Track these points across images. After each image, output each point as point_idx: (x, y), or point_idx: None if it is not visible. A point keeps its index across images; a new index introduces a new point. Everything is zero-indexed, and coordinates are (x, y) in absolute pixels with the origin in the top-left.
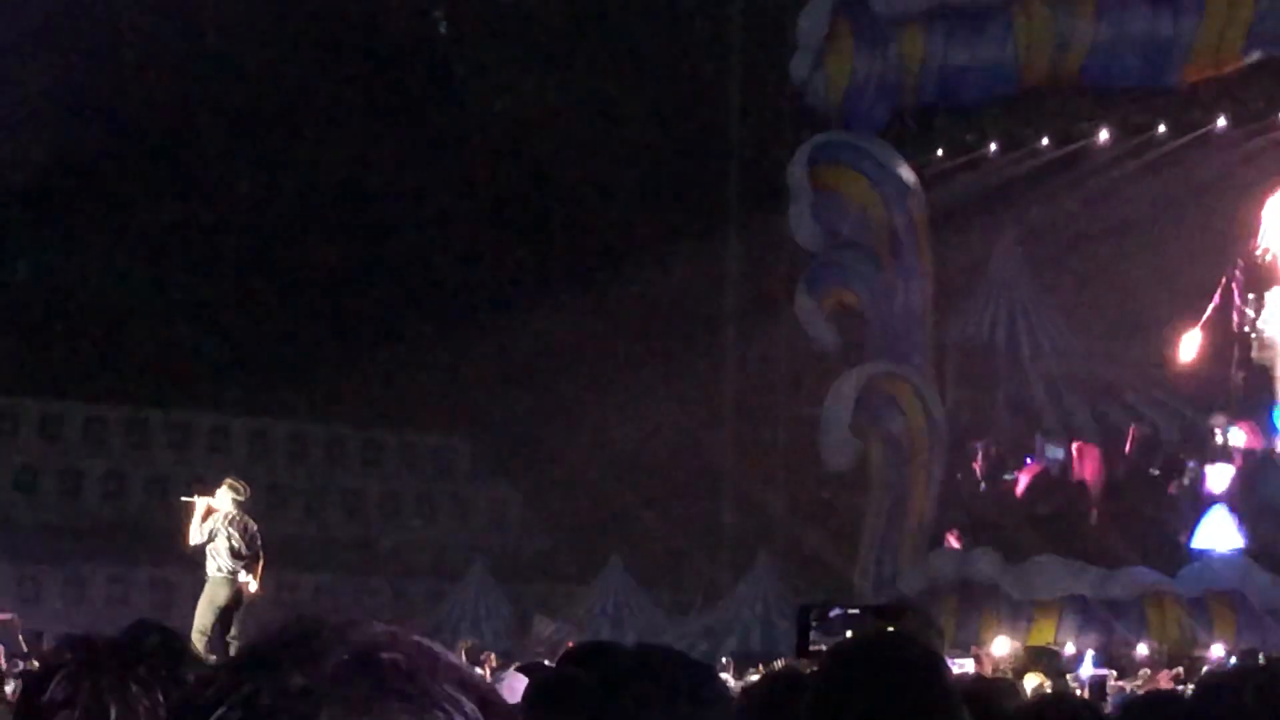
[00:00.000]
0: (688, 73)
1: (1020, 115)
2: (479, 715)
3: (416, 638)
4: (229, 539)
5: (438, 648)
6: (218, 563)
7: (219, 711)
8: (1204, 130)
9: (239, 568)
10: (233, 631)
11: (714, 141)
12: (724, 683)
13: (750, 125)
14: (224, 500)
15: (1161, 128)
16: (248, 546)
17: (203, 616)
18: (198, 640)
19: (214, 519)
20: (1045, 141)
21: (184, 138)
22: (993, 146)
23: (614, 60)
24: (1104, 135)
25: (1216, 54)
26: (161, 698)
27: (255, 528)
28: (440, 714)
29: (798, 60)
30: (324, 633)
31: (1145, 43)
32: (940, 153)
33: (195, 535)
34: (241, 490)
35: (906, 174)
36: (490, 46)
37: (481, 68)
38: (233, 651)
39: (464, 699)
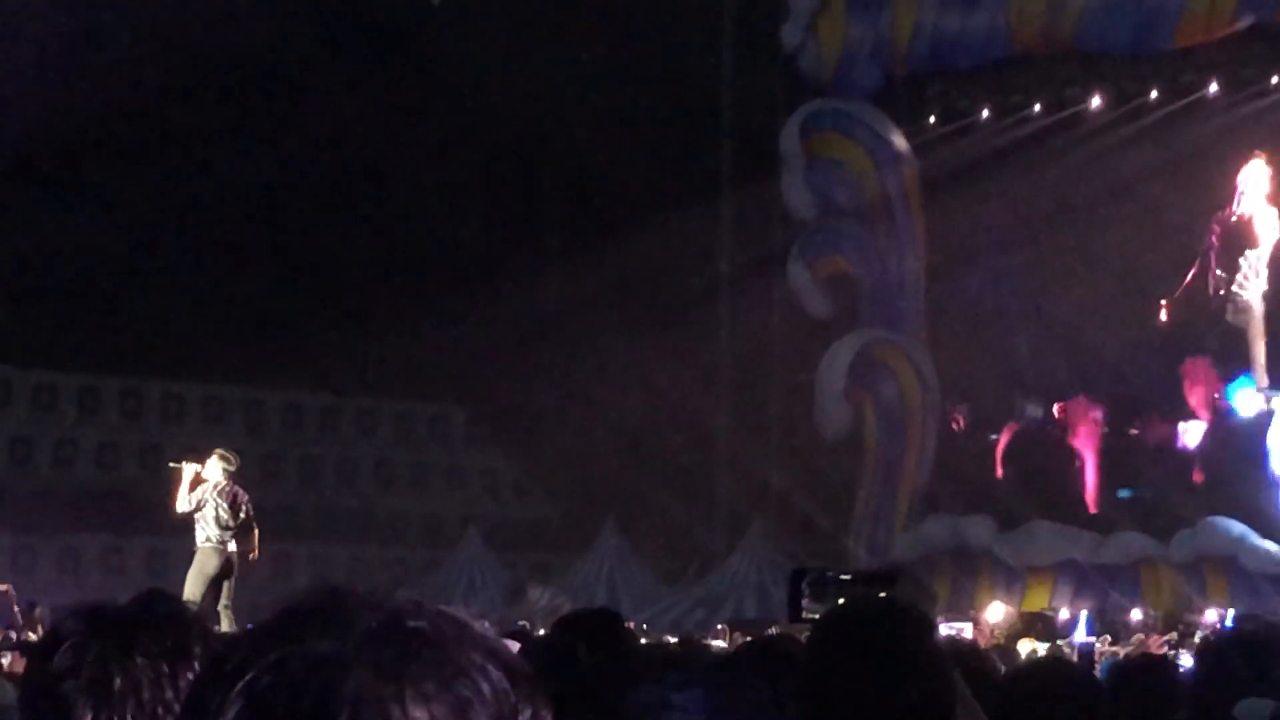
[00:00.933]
0: (680, 40)
1: (1012, 81)
2: (505, 684)
3: (443, 607)
4: (216, 509)
5: (465, 616)
6: (206, 532)
7: (247, 676)
8: (1196, 96)
9: (227, 538)
10: (224, 600)
11: (706, 109)
12: (712, 654)
13: (743, 93)
14: (214, 470)
15: (1154, 93)
16: (235, 517)
17: (193, 586)
18: None
19: (203, 488)
20: (1038, 108)
21: (177, 108)
22: (985, 113)
23: (606, 28)
24: (1096, 101)
25: (1208, 19)
26: (167, 668)
27: (246, 497)
28: (467, 682)
29: (790, 27)
30: (351, 600)
31: (1137, 8)
32: (932, 120)
33: (183, 502)
34: (232, 460)
35: (899, 141)
36: (481, 16)
37: (473, 38)
38: (224, 620)
39: (491, 667)
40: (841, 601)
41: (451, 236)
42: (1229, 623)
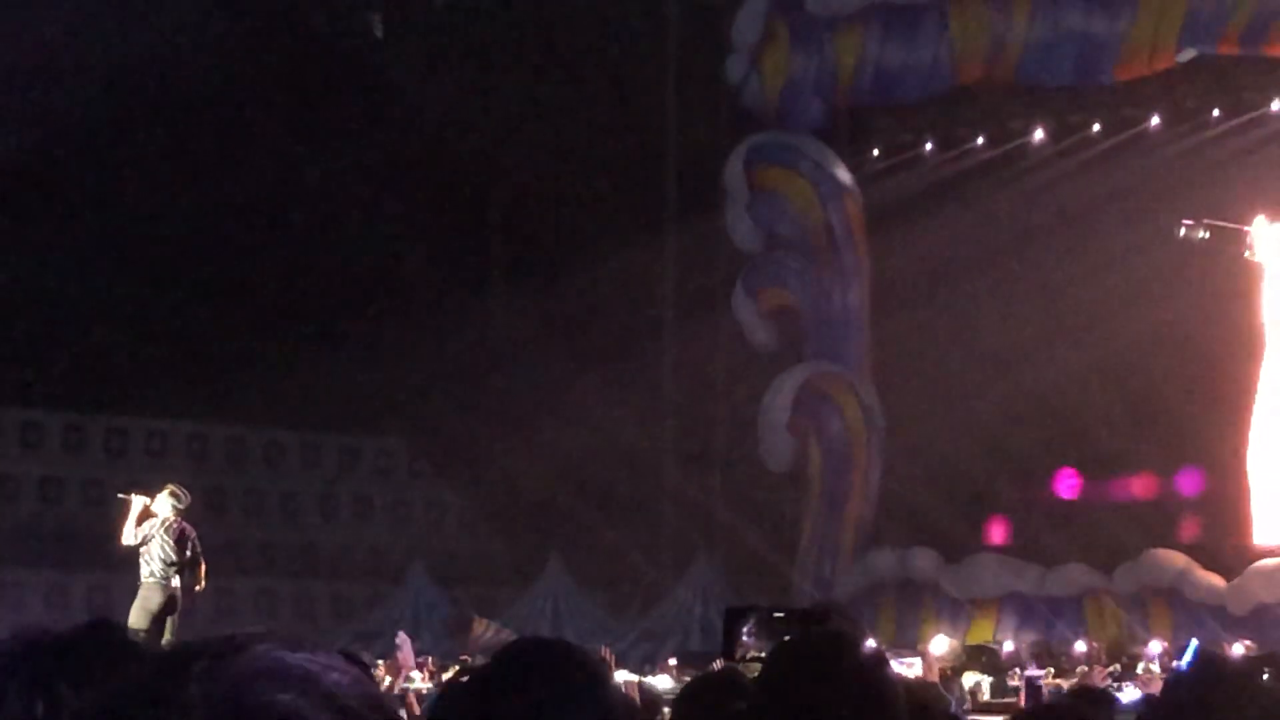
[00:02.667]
0: (624, 74)
1: (956, 115)
2: None
3: (296, 660)
4: (162, 545)
5: (315, 667)
6: (150, 567)
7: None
8: (1138, 129)
9: (171, 573)
10: (167, 636)
11: (651, 142)
12: (616, 687)
13: (687, 126)
14: (164, 506)
15: (1096, 126)
16: (182, 554)
17: (136, 621)
18: None
19: (150, 523)
20: (981, 141)
21: (115, 140)
22: (929, 146)
23: (550, 61)
24: (1039, 134)
25: (1149, 53)
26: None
27: (194, 533)
28: None
29: (733, 61)
30: (193, 667)
31: (1079, 42)
32: (876, 152)
33: (129, 535)
34: (182, 498)
35: (843, 174)
36: (426, 48)
37: (417, 69)
38: None
39: None
40: (783, 638)
41: (397, 270)
42: (1187, 654)
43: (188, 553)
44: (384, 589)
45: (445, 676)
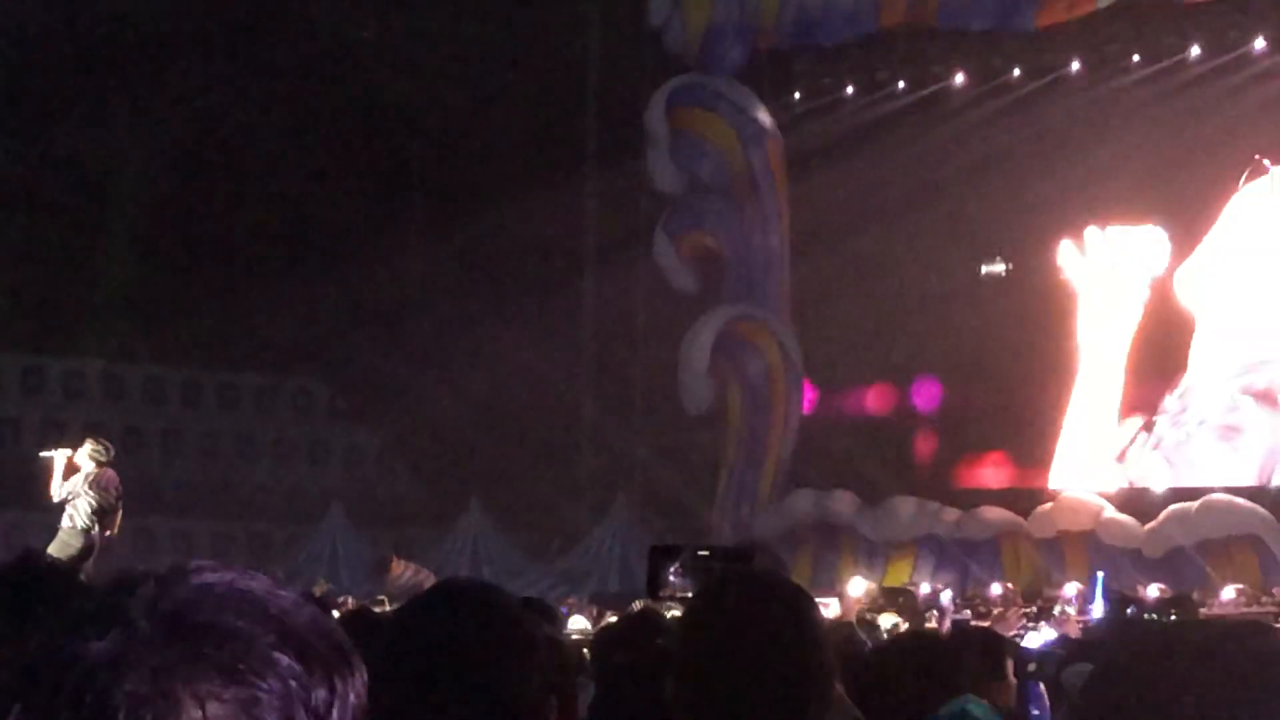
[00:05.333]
0: (546, 15)
1: (877, 59)
2: (297, 668)
3: (244, 584)
4: (88, 499)
5: (265, 589)
6: (75, 518)
7: (26, 678)
8: (1058, 74)
9: (94, 523)
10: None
11: (571, 83)
12: (538, 624)
13: (608, 68)
14: (85, 460)
15: (1016, 71)
16: (106, 503)
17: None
18: None
19: (75, 479)
20: (901, 85)
21: (35, 75)
22: (849, 89)
23: (471, 1)
24: (960, 79)
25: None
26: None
27: (117, 480)
28: (251, 678)
29: (656, 3)
30: (140, 590)
31: None
32: (797, 96)
33: (57, 491)
34: (104, 451)
35: (764, 117)
36: None
37: (337, 7)
38: None
39: (283, 656)
40: (705, 576)
41: (314, 210)
42: (1097, 589)
43: (111, 500)
44: (302, 530)
45: None
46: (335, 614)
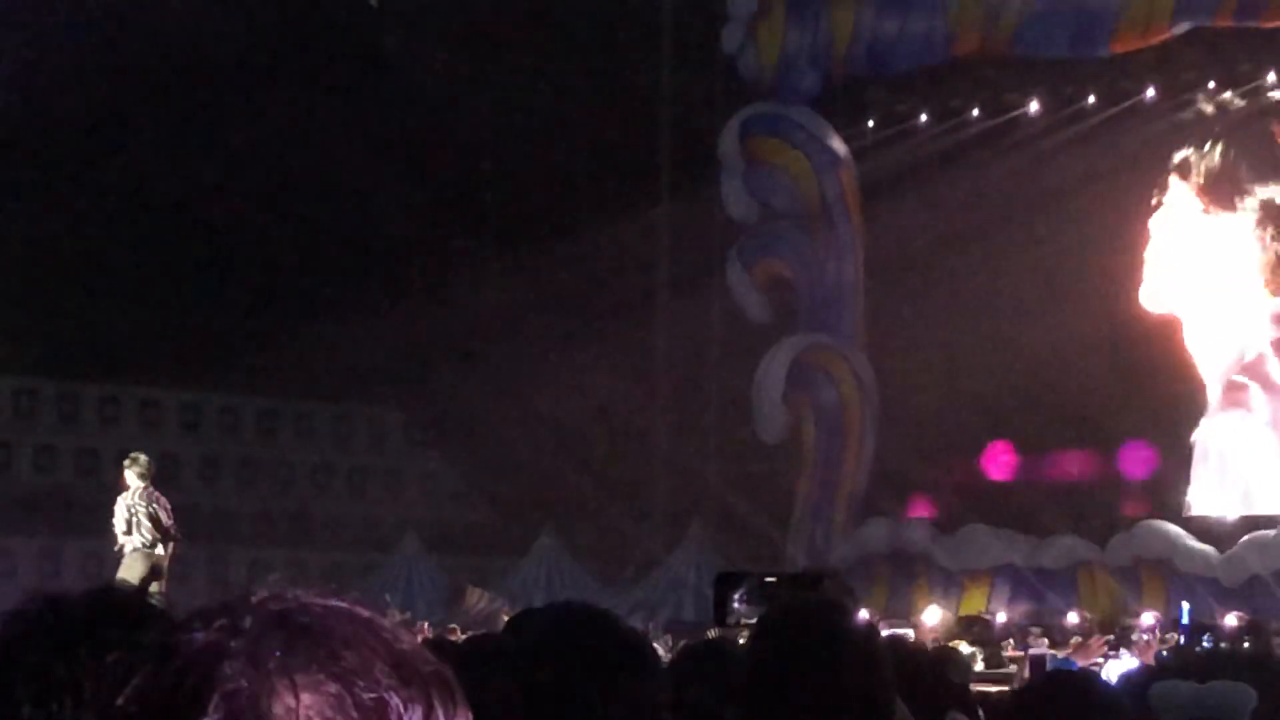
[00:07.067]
0: (619, 44)
1: (950, 86)
2: (392, 680)
3: (352, 605)
4: (145, 514)
5: (370, 614)
6: (135, 538)
7: (129, 661)
8: (1133, 100)
9: (156, 541)
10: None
11: (646, 113)
12: (655, 651)
13: (682, 96)
14: (133, 479)
15: (1091, 98)
16: (167, 519)
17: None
18: None
19: (125, 498)
20: (976, 112)
21: (112, 107)
22: (923, 117)
23: (545, 31)
24: (1034, 106)
25: (1145, 25)
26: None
27: (165, 502)
28: (346, 675)
29: (729, 31)
30: (250, 598)
31: (1075, 13)
32: (871, 124)
33: (120, 528)
34: (142, 463)
35: (837, 145)
36: (420, 17)
37: (412, 40)
38: None
39: (379, 663)
40: (769, 603)
41: (391, 239)
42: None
43: (165, 520)
44: (377, 558)
45: None
46: None
